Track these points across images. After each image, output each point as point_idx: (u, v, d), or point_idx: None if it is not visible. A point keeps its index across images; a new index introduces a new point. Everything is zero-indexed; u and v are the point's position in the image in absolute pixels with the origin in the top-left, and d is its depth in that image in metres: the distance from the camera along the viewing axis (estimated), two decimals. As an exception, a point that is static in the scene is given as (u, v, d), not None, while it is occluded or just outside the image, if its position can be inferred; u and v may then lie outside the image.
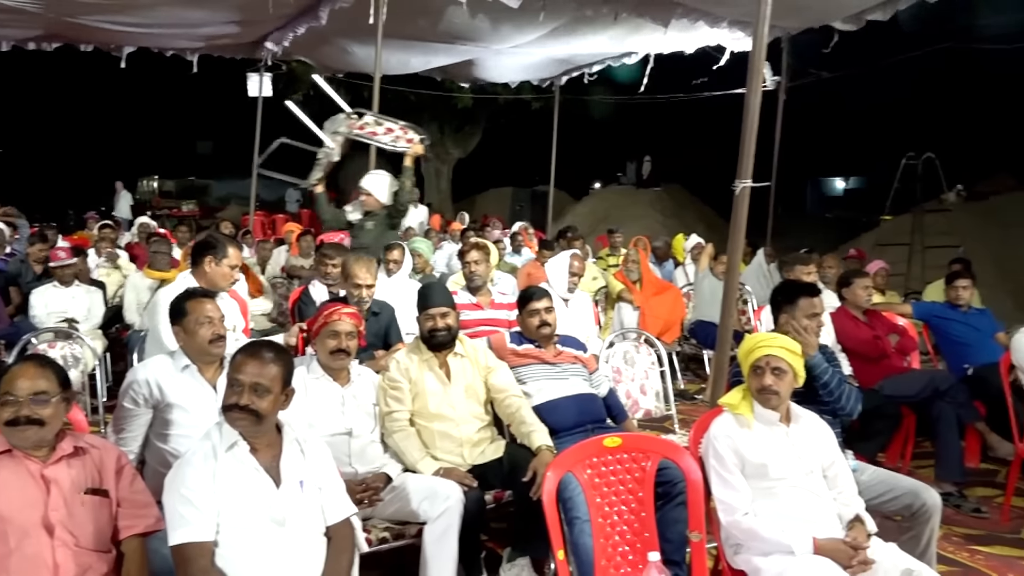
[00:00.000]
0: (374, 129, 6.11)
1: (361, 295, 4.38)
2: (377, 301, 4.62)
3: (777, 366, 2.95)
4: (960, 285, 5.71)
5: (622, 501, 2.96)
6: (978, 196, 14.10)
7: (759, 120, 3.50)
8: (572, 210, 18.77)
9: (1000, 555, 4.07)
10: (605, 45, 8.37)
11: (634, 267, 7.22)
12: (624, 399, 4.58)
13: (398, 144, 6.23)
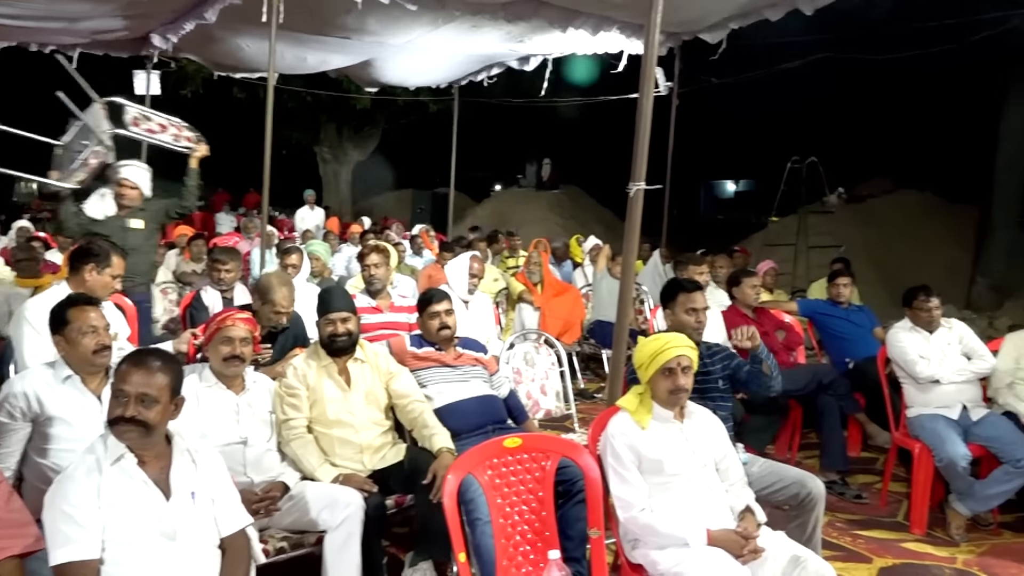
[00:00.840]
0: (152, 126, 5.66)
1: (280, 321, 4.19)
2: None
3: (687, 365, 3.05)
4: (840, 283, 6.01)
5: (523, 501, 2.98)
6: (858, 198, 14.87)
7: (653, 125, 3.59)
8: (473, 212, 18.79)
9: (879, 538, 4.30)
10: (504, 48, 8.42)
11: (535, 268, 7.30)
12: (525, 400, 4.62)
13: (179, 143, 5.81)
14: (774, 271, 7.98)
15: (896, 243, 13.46)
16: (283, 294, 4.15)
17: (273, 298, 4.11)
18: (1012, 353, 4.60)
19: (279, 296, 4.13)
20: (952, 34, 10.19)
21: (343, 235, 11.74)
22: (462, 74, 9.99)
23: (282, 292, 4.15)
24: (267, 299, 4.12)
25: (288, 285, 4.27)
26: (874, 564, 3.97)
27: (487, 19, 6.68)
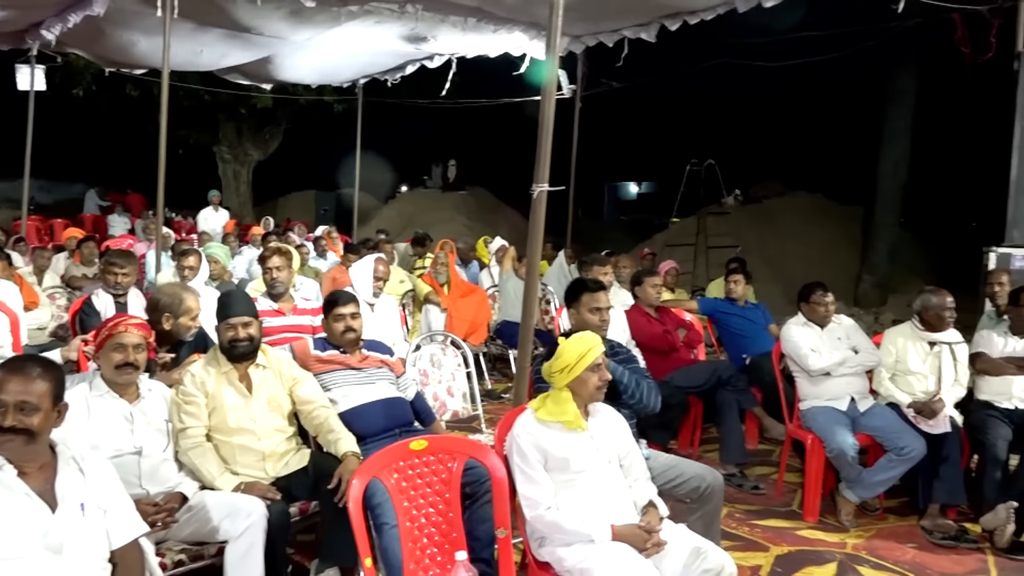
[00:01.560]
0: None
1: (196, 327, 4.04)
2: None
3: (603, 363, 3.13)
4: (732, 280, 6.22)
5: (429, 503, 2.97)
6: (753, 200, 15.41)
7: (558, 127, 3.63)
8: (379, 213, 18.61)
9: (775, 527, 4.46)
10: (407, 48, 8.36)
11: (442, 270, 7.28)
12: (432, 401, 4.60)
13: None
14: (675, 271, 8.19)
15: (789, 243, 14.02)
16: (193, 300, 4.03)
17: (188, 306, 3.99)
18: (892, 348, 4.85)
19: (191, 303, 4.01)
20: (839, 42, 10.67)
21: (244, 237, 11.44)
22: (365, 73, 9.86)
23: (192, 298, 4.03)
24: (180, 312, 3.98)
25: (189, 289, 4.14)
26: (771, 552, 4.12)
27: (391, 16, 6.63)
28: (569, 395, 3.06)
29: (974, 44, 6.84)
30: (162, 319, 3.95)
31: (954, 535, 4.31)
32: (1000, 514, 4.19)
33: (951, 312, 4.75)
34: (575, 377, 3.04)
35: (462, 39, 7.45)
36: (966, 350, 4.84)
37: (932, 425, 4.51)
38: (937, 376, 4.73)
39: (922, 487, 4.52)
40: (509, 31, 6.94)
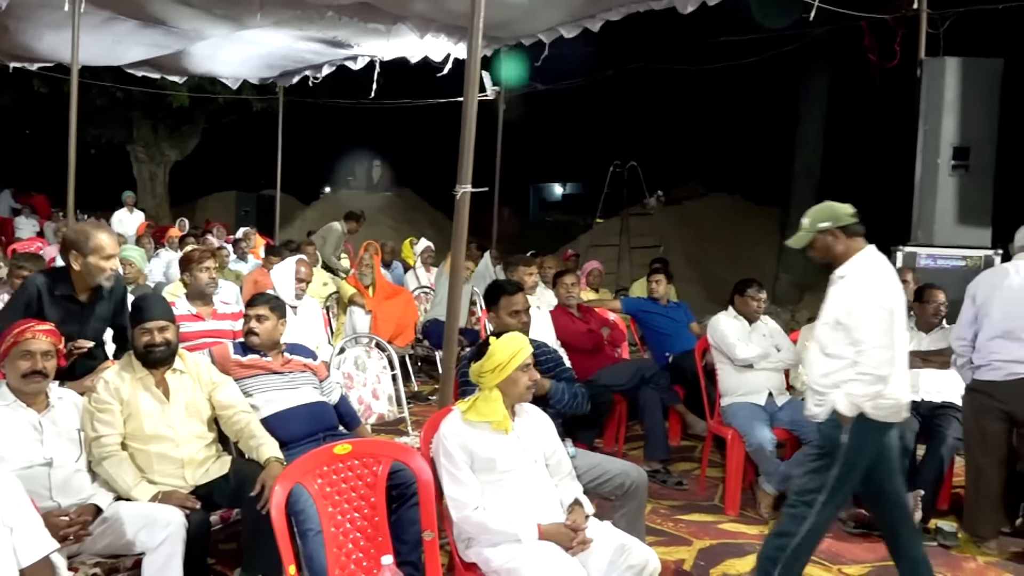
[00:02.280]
0: None
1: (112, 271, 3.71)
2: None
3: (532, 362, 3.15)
4: (654, 280, 6.34)
5: (355, 508, 2.94)
6: (674, 201, 15.72)
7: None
8: (302, 215, 18.33)
9: (698, 521, 4.56)
10: (329, 47, 8.25)
11: (367, 271, 7.20)
12: (356, 405, 4.55)
13: None
14: (599, 271, 8.29)
15: (709, 243, 14.35)
16: (106, 238, 3.65)
17: (97, 244, 3.59)
18: (808, 344, 5.01)
19: (101, 240, 3.61)
20: (755, 48, 10.97)
21: (160, 239, 11.10)
22: (285, 69, 9.67)
23: (103, 236, 3.65)
24: (87, 249, 3.59)
25: (102, 226, 3.79)
26: (694, 546, 4.20)
27: (312, 17, 6.53)
28: (499, 395, 3.06)
29: (881, 51, 7.12)
30: (70, 258, 3.66)
31: (866, 524, 4.47)
32: (908, 502, 4.37)
33: (863, 309, 4.93)
34: (506, 377, 3.05)
35: (385, 44, 7.39)
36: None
37: (845, 418, 4.67)
38: (850, 371, 4.90)
39: (836, 478, 4.67)
40: (435, 35, 6.92)
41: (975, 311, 4.29)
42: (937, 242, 6.03)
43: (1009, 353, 4.11)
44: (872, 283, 3.33)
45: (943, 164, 6.01)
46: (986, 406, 4.19)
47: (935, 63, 6.12)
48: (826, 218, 3.54)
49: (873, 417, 3.23)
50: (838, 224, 3.49)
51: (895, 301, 3.31)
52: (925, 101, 6.09)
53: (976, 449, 4.23)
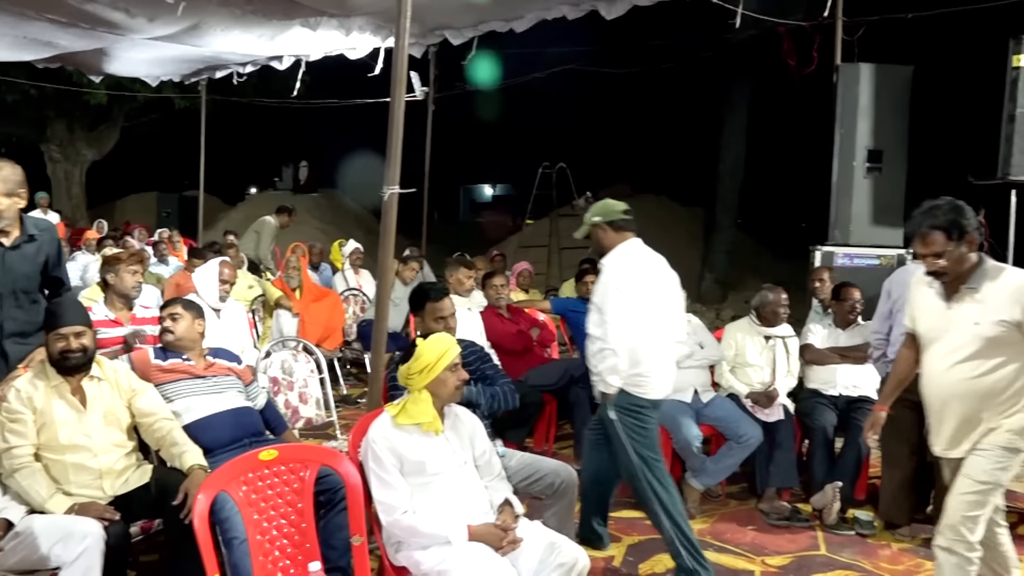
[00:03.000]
0: None
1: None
2: None
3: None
4: (588, 281, 6.38)
5: (281, 515, 2.88)
6: (603, 202, 15.86)
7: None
8: (226, 216, 17.90)
9: (627, 518, 4.61)
10: (253, 45, 8.07)
11: (294, 274, 7.08)
12: (283, 409, 4.48)
13: None
14: (529, 272, 8.32)
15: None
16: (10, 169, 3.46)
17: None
18: (732, 342, 5.14)
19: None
20: (681, 52, 11.19)
21: (76, 242, 10.71)
22: (206, 67, 9.43)
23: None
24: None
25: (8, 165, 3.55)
26: (623, 542, 4.26)
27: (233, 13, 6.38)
28: (428, 397, 3.05)
29: (799, 57, 7.34)
30: None
31: (788, 515, 4.60)
32: (827, 494, 4.52)
33: (785, 308, 5.09)
34: (434, 378, 3.04)
35: (310, 39, 7.27)
36: (797, 343, 5.19)
37: (767, 414, 4.81)
38: (772, 368, 5.05)
39: (759, 472, 4.81)
40: (360, 32, 6.84)
41: (890, 307, 4.45)
42: (853, 242, 6.24)
43: None
44: (623, 270, 3.78)
45: (858, 166, 6.22)
46: (899, 398, 4.33)
47: (850, 69, 6.33)
48: (598, 213, 4.01)
49: (632, 392, 3.63)
50: (607, 219, 3.96)
51: (647, 287, 3.76)
52: (841, 105, 6.29)
53: (890, 439, 4.34)
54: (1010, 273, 3.06)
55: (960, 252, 3.04)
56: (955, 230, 3.03)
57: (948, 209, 3.07)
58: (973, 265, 3.08)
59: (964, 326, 3.07)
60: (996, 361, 3.03)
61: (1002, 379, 3.04)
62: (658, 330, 3.78)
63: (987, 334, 3.02)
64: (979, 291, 3.05)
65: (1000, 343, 3.02)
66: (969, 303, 3.07)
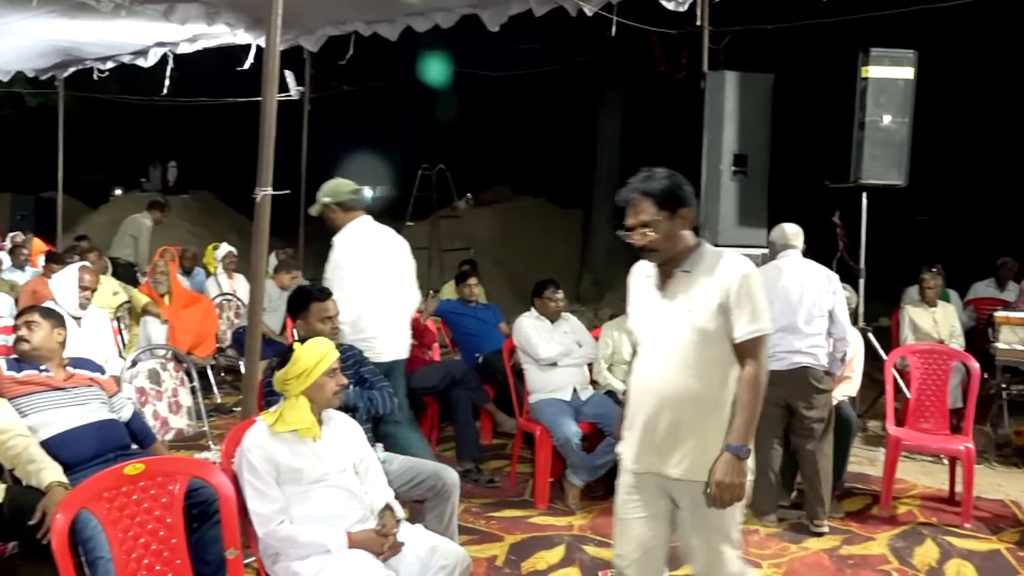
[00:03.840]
0: None
1: None
2: None
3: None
4: (469, 283, 6.42)
5: (148, 532, 2.75)
6: (483, 204, 15.96)
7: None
8: (88, 219, 16.94)
9: (510, 517, 4.65)
10: (116, 37, 7.67)
11: (162, 279, 6.79)
12: (152, 421, 4.28)
13: None
14: (410, 274, 8.26)
15: (517, 245, 14.70)
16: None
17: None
18: (609, 340, 5.27)
19: None
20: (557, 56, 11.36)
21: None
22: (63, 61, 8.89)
23: None
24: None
25: None
26: (505, 541, 4.29)
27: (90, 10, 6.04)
28: (306, 402, 2.98)
29: (669, 64, 7.59)
30: None
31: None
32: (701, 484, 4.68)
33: (657, 305, 5.23)
34: (312, 383, 2.98)
35: (176, 32, 6.97)
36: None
37: (643, 409, 4.94)
38: (647, 364, 5.19)
39: (637, 466, 4.93)
40: (231, 29, 6.61)
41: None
42: (721, 242, 6.48)
43: (788, 344, 4.44)
44: (346, 247, 4.21)
45: (725, 170, 6.47)
46: (768, 394, 4.50)
47: (716, 76, 6.58)
48: (328, 194, 4.33)
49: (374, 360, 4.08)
50: (336, 200, 4.31)
51: (370, 260, 4.21)
52: (708, 111, 6.53)
53: (757, 433, 4.53)
54: (729, 256, 2.69)
55: (672, 227, 2.65)
56: (668, 200, 2.64)
57: (663, 176, 2.68)
58: (689, 247, 2.69)
59: (677, 315, 2.66)
60: (711, 359, 2.64)
61: (714, 382, 2.65)
62: (383, 299, 4.23)
63: (700, 324, 2.62)
64: (693, 274, 2.66)
65: (715, 339, 2.63)
66: (684, 290, 2.67)
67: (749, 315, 2.61)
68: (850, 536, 4.46)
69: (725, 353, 2.66)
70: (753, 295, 2.62)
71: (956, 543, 4.39)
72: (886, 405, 5.20)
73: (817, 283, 4.51)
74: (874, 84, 5.81)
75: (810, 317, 4.45)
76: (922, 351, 5.42)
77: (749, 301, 2.61)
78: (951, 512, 4.86)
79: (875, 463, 5.68)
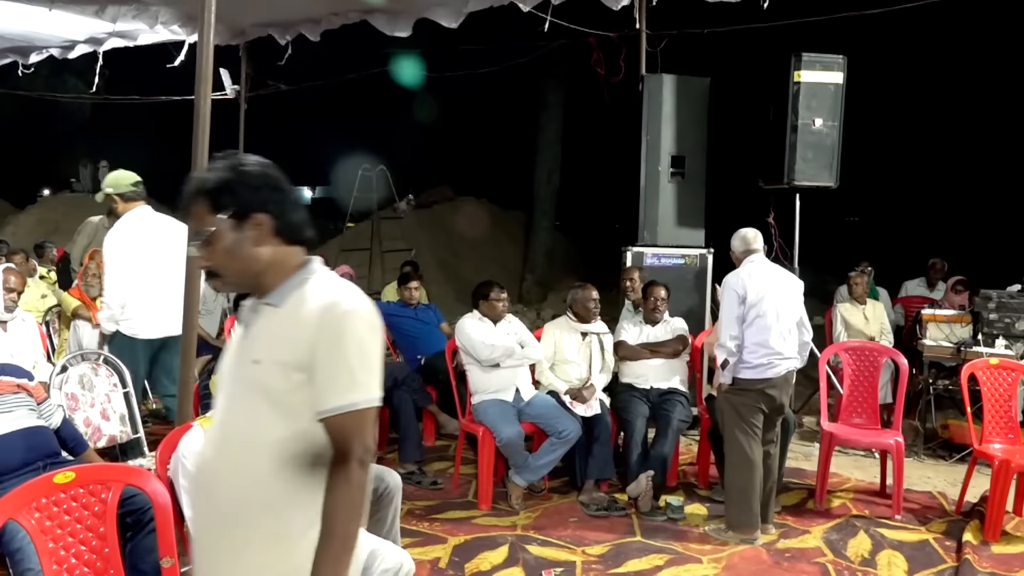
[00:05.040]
0: None
1: None
2: None
3: None
4: (411, 286, 6.39)
5: (81, 541, 2.66)
6: (425, 205, 15.91)
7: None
8: (15, 220, 16.39)
9: (453, 519, 4.63)
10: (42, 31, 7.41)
11: (94, 282, 6.57)
12: (83, 427, 4.15)
13: None
14: (351, 276, 8.16)
15: (459, 245, 14.68)
16: None
17: None
18: (551, 340, 5.30)
19: None
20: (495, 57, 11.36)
21: None
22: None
23: None
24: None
25: None
26: (448, 543, 4.27)
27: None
28: None
29: (608, 66, 7.66)
30: None
31: (606, 506, 4.79)
32: (641, 483, 4.74)
33: (596, 304, 5.30)
34: None
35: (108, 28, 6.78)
36: (612, 339, 5.42)
37: (585, 409, 4.99)
38: (588, 363, 5.25)
39: (579, 465, 4.97)
40: (165, 26, 6.46)
41: (742, 311, 4.34)
42: (660, 242, 6.58)
43: (779, 350, 4.34)
44: (116, 235, 4.68)
45: (663, 171, 6.56)
46: (754, 402, 4.36)
47: (654, 79, 6.67)
48: (111, 184, 4.81)
49: (126, 333, 4.65)
50: (118, 191, 4.76)
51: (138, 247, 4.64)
52: (646, 113, 6.61)
53: (746, 446, 4.33)
54: (331, 288, 1.82)
55: (238, 240, 1.80)
56: (227, 199, 1.79)
57: (223, 167, 1.83)
58: (283, 271, 1.83)
59: (243, 369, 1.83)
60: (277, 441, 1.75)
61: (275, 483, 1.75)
62: (150, 282, 4.60)
63: (266, 382, 1.76)
64: (280, 310, 1.80)
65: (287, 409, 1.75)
66: (260, 333, 1.82)
67: (342, 378, 1.73)
68: (787, 530, 4.55)
69: (300, 434, 1.74)
70: (348, 348, 1.73)
71: (887, 534, 4.52)
72: (820, 401, 5.33)
73: (791, 286, 4.51)
74: (806, 88, 5.95)
75: (790, 321, 4.42)
76: (854, 348, 5.57)
77: (342, 356, 1.73)
78: (882, 504, 5.00)
79: (810, 458, 5.82)
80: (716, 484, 5.09)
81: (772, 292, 4.38)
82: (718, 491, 4.96)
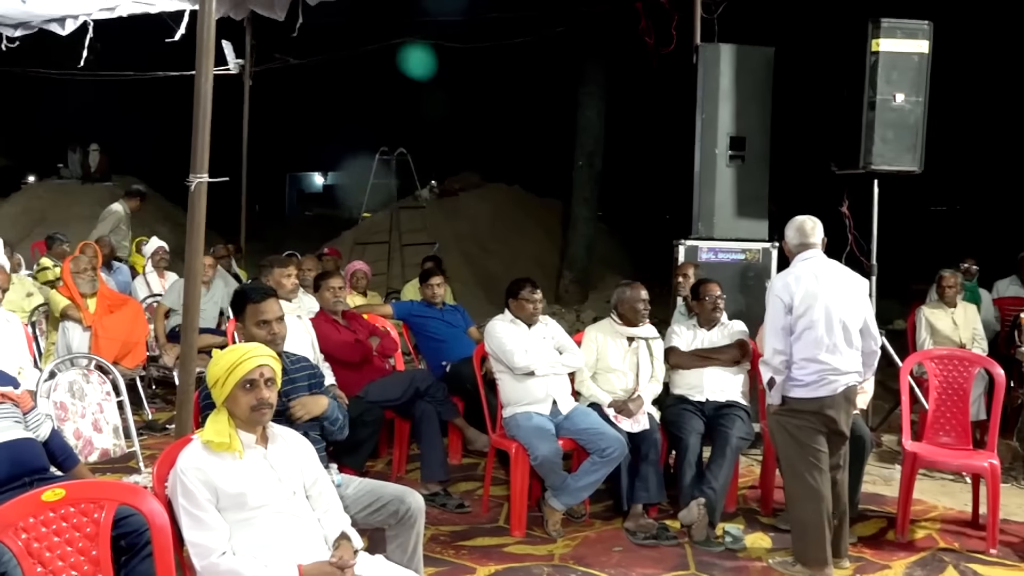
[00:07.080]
0: None
1: None
2: None
3: (270, 377, 3.03)
4: (434, 283, 6.41)
5: (72, 565, 2.72)
6: (449, 192, 15.96)
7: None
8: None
9: (482, 546, 4.65)
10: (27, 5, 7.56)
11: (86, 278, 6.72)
12: (73, 440, 4.24)
13: None
14: (364, 273, 8.23)
15: (487, 238, 14.71)
16: None
17: None
18: (593, 345, 5.28)
19: None
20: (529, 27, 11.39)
21: None
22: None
23: None
24: None
25: None
26: (478, 574, 4.28)
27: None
28: (226, 414, 2.97)
29: (657, 35, 7.63)
30: None
31: (655, 534, 4.77)
32: (693, 510, 4.71)
33: (645, 305, 5.26)
34: (227, 394, 2.97)
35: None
36: (662, 345, 5.38)
37: (632, 423, 4.97)
38: (636, 372, 5.22)
39: (625, 488, 4.95)
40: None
41: (789, 321, 4.23)
42: (717, 235, 6.54)
43: (833, 366, 4.20)
44: None
45: (721, 155, 6.52)
46: (811, 424, 4.23)
47: (710, 49, 6.62)
48: None
49: None
50: None
51: None
52: (702, 89, 6.57)
53: (808, 475, 4.21)
54: None
55: None
56: None
57: None
58: None
59: None
60: None
61: None
62: None
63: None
64: None
65: None
66: None
67: None
68: (863, 564, 4.50)
69: None
70: None
71: (981, 571, 4.46)
72: (902, 417, 5.27)
73: (851, 287, 4.34)
74: (885, 59, 5.87)
75: (849, 332, 4.27)
76: (941, 356, 5.48)
77: None
78: (975, 536, 4.93)
79: (890, 482, 5.75)
80: (781, 511, 5.04)
81: (823, 297, 4.21)
82: (783, 518, 4.91)
